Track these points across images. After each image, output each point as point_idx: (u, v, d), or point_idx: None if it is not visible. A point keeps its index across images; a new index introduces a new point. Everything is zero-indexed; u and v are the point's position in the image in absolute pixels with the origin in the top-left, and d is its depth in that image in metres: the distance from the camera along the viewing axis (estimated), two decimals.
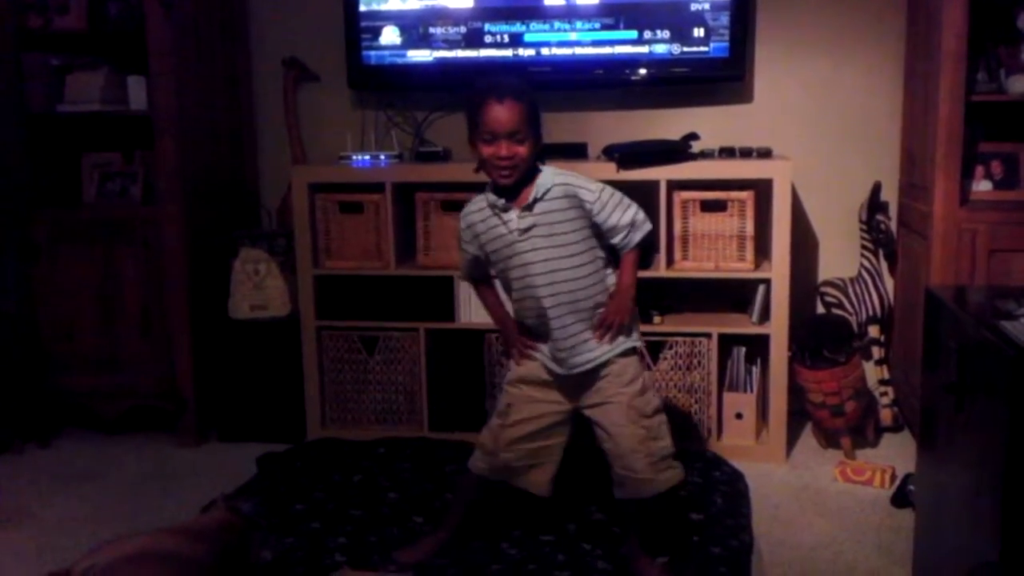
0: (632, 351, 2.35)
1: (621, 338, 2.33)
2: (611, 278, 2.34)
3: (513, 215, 2.26)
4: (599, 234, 2.30)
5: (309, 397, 3.38)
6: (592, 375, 2.32)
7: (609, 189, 2.29)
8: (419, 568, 2.41)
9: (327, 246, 3.33)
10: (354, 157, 3.49)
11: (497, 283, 2.48)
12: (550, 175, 2.27)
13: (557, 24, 3.38)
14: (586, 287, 2.28)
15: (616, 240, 2.30)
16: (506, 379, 2.46)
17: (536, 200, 2.24)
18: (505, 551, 2.49)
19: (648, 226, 2.32)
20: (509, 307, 2.43)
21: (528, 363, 2.39)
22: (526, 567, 2.41)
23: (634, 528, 2.39)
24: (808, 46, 3.46)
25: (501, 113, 2.18)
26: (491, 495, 2.51)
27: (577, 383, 2.34)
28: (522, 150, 2.20)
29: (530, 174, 2.26)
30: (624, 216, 2.28)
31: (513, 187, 2.25)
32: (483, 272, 2.47)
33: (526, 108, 2.21)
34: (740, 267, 3.12)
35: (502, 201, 2.27)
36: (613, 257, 2.35)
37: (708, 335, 3.15)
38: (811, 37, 3.45)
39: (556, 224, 2.25)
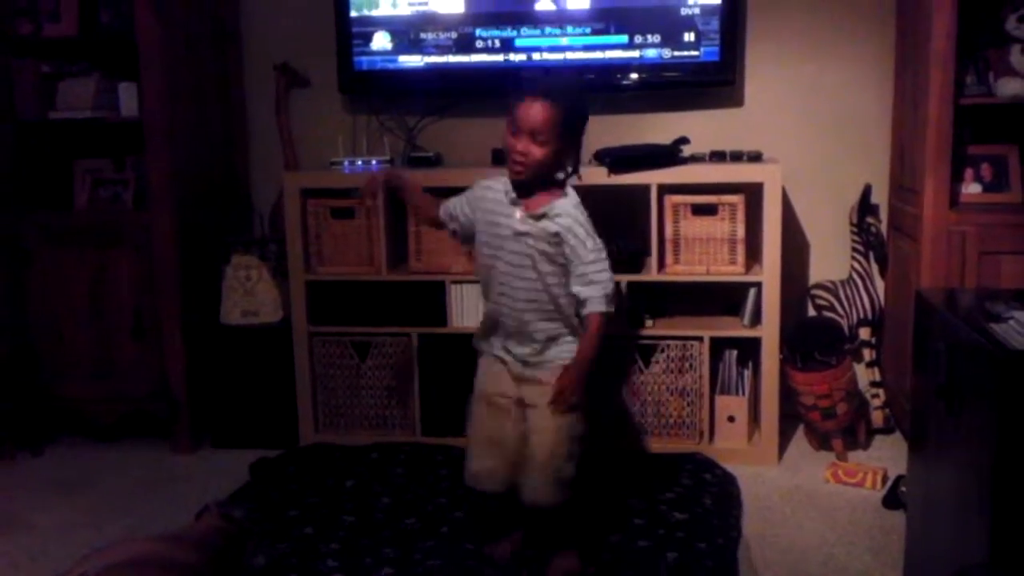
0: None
1: (565, 355, 2.31)
2: (568, 342, 2.32)
3: (517, 213, 2.27)
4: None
5: (301, 403, 3.38)
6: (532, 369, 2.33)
7: (596, 253, 2.26)
8: (411, 570, 2.41)
9: (319, 251, 3.33)
10: (346, 162, 3.49)
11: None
12: (570, 205, 2.27)
13: (548, 29, 3.39)
14: (551, 317, 2.29)
15: (580, 290, 2.26)
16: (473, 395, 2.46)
17: (544, 215, 2.24)
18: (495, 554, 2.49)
19: (610, 305, 2.28)
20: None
21: (488, 363, 2.41)
22: (518, 572, 2.41)
23: (541, 526, 2.46)
24: (798, 50, 3.47)
25: (529, 109, 2.18)
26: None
27: (520, 377, 2.34)
28: (537, 152, 2.19)
29: (548, 183, 2.28)
30: (599, 274, 2.26)
31: (526, 187, 2.26)
32: (458, 233, 2.46)
33: (558, 115, 2.19)
34: (731, 270, 3.12)
35: (513, 194, 2.28)
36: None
37: (700, 338, 3.15)
38: (801, 41, 3.47)
39: (552, 246, 2.25)
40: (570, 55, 3.39)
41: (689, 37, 3.33)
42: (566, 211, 2.25)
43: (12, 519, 2.88)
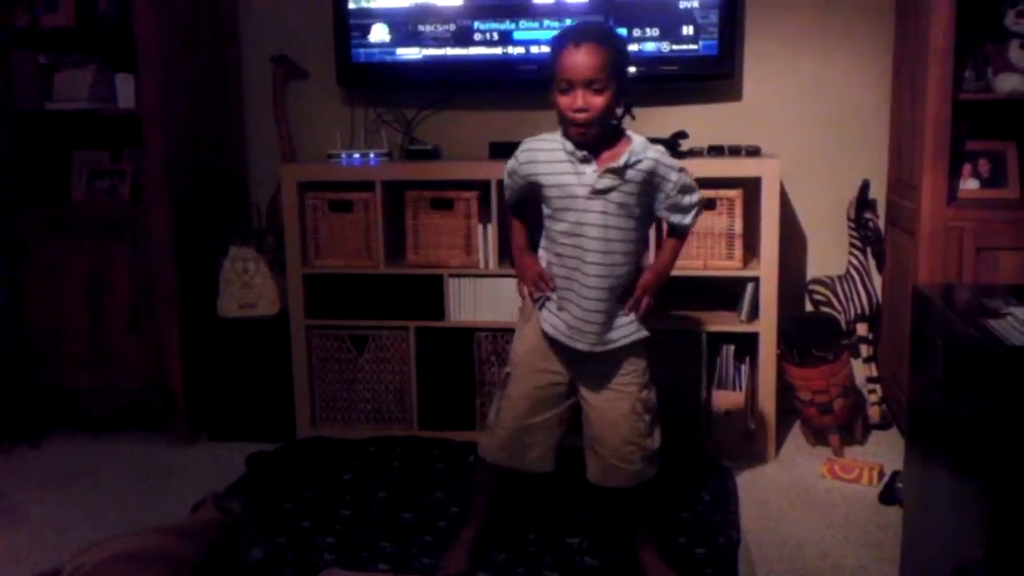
0: (646, 340, 2.27)
1: (637, 325, 2.24)
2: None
3: (590, 170, 2.09)
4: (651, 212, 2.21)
5: (299, 396, 3.38)
6: (607, 356, 2.21)
7: (685, 173, 2.19)
8: (408, 564, 2.41)
9: (316, 244, 3.32)
10: (343, 155, 3.49)
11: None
12: (642, 145, 2.12)
13: (546, 22, 3.38)
14: (628, 267, 2.17)
15: (672, 219, 2.22)
16: (512, 347, 2.33)
17: (627, 166, 2.08)
18: (492, 553, 2.48)
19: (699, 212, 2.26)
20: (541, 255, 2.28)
21: (534, 330, 2.25)
22: (514, 570, 2.40)
23: (636, 519, 2.37)
24: (797, 44, 3.47)
25: (578, 58, 2.01)
26: (507, 485, 2.42)
27: (588, 359, 2.21)
28: (598, 101, 2.03)
29: (613, 132, 2.13)
30: (690, 199, 2.20)
31: (593, 142, 2.10)
32: (522, 204, 2.34)
33: (608, 55, 2.03)
34: (729, 265, 3.12)
35: (582, 152, 2.09)
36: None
37: (697, 333, 3.15)
38: (800, 35, 3.46)
39: (631, 196, 2.11)
40: None
41: (688, 30, 3.32)
42: (643, 152, 2.11)
43: (9, 511, 2.88)
